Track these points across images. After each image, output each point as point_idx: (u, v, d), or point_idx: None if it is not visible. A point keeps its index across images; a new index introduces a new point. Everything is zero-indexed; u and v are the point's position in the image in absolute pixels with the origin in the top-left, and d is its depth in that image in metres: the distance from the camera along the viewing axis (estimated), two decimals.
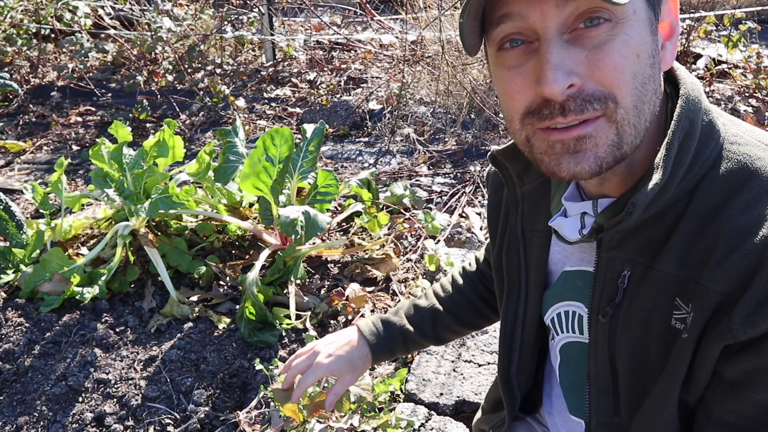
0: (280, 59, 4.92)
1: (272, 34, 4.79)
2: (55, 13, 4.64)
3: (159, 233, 2.39)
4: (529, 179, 0.95)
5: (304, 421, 1.55)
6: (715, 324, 0.71)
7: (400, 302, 1.28)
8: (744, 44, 3.94)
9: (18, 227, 2.25)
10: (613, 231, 0.77)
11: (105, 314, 2.14)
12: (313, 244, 2.41)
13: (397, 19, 4.85)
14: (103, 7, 4.88)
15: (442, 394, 1.81)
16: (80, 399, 1.82)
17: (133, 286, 2.30)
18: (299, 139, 2.50)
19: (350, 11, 5.05)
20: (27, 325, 2.06)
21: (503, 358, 1.06)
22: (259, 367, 1.76)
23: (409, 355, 1.95)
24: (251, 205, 2.62)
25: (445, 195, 2.97)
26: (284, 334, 2.05)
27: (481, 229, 2.67)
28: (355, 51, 4.82)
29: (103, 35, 4.84)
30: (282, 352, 1.99)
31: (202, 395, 1.82)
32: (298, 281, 2.25)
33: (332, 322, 2.12)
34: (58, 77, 4.72)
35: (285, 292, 2.22)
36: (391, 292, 2.27)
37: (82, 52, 4.35)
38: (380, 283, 2.32)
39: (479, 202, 2.91)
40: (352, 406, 1.69)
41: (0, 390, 1.86)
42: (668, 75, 0.79)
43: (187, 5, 5.02)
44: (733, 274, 0.69)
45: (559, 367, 1.00)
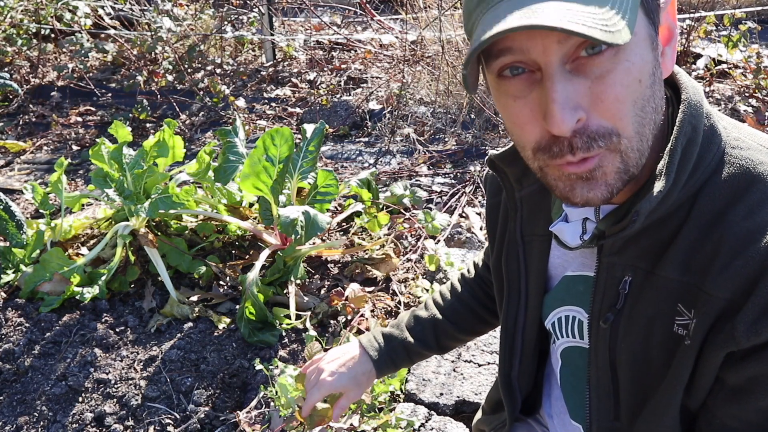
0: (280, 59, 4.92)
1: (272, 34, 4.79)
2: (55, 13, 4.64)
3: (159, 233, 2.39)
4: (527, 183, 0.95)
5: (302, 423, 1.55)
6: (718, 331, 0.71)
7: (401, 313, 1.29)
8: (744, 44, 3.94)
9: (18, 227, 2.25)
10: (618, 237, 0.77)
11: (105, 314, 2.14)
12: (313, 244, 2.41)
13: (397, 19, 4.85)
14: (103, 7, 4.88)
15: (442, 394, 1.81)
16: (80, 399, 1.82)
17: (133, 286, 2.30)
18: (299, 139, 2.50)
19: (350, 11, 5.05)
20: (27, 325, 2.06)
21: (504, 362, 1.05)
22: (259, 367, 1.76)
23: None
24: (251, 205, 2.62)
25: (445, 195, 2.97)
26: (284, 334, 2.05)
27: (481, 229, 2.67)
28: (355, 51, 4.82)
29: (103, 35, 4.84)
30: (282, 352, 1.99)
31: (202, 395, 1.82)
32: (298, 281, 2.25)
33: (332, 322, 2.12)
34: (58, 77, 4.72)
35: (285, 292, 2.22)
36: (391, 292, 2.27)
37: (82, 52, 4.35)
38: (380, 283, 2.32)
39: (479, 202, 2.91)
40: (352, 407, 1.69)
41: (0, 390, 1.86)
42: (668, 79, 0.78)
43: (187, 5, 5.02)
44: (736, 281, 0.69)
45: (559, 371, 1.00)
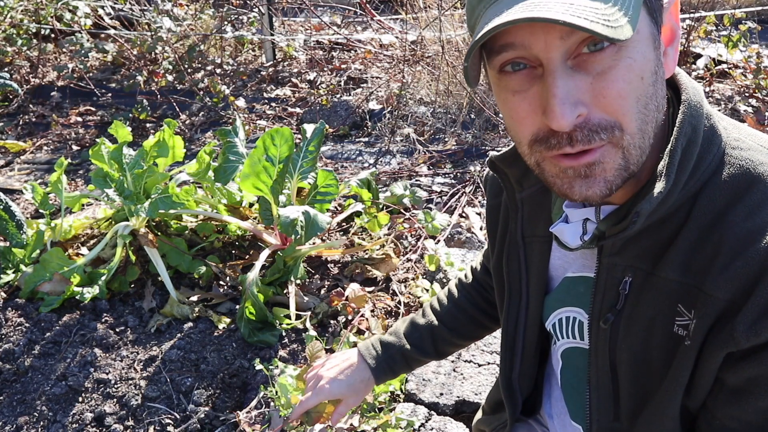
0: (280, 59, 4.92)
1: (272, 34, 4.79)
2: (55, 13, 4.64)
3: (159, 233, 2.39)
4: (528, 184, 0.95)
5: (302, 422, 1.55)
6: (718, 331, 0.71)
7: (399, 320, 1.30)
8: (744, 44, 3.94)
9: (18, 227, 2.25)
10: (618, 238, 0.77)
11: (105, 314, 2.14)
12: (313, 244, 2.41)
13: (397, 19, 4.85)
14: (103, 7, 4.88)
15: (442, 394, 1.81)
16: (80, 399, 1.82)
17: (133, 286, 2.30)
18: (299, 139, 2.50)
19: (350, 11, 5.05)
20: (27, 325, 2.06)
21: (505, 363, 1.05)
22: (259, 367, 1.76)
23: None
24: (251, 205, 2.61)
25: (445, 195, 2.97)
26: (284, 334, 2.05)
27: (481, 229, 2.67)
28: (355, 51, 4.82)
29: (103, 35, 4.84)
30: (282, 352, 1.99)
31: (202, 395, 1.82)
32: (298, 281, 2.25)
33: (332, 322, 2.12)
34: (58, 77, 4.72)
35: (285, 292, 2.22)
36: (391, 292, 2.27)
37: (82, 52, 4.35)
38: (380, 283, 2.32)
39: (479, 202, 2.91)
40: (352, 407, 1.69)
41: (0, 390, 1.86)
42: (669, 79, 0.78)
43: (187, 5, 5.02)
44: (736, 282, 0.69)
45: (560, 372, 1.00)
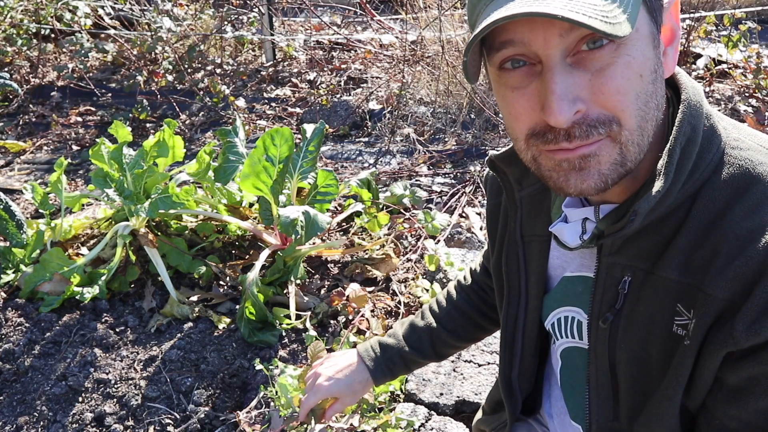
0: (280, 59, 4.92)
1: (272, 34, 4.79)
2: (55, 13, 4.64)
3: (159, 233, 2.39)
4: (527, 183, 0.95)
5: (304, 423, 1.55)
6: (717, 331, 0.71)
7: (398, 322, 1.32)
8: (744, 44, 3.94)
9: (18, 227, 2.25)
10: (617, 237, 0.77)
11: (105, 314, 2.14)
12: (313, 244, 2.41)
13: (397, 19, 4.85)
14: (103, 7, 4.88)
15: (442, 394, 1.81)
16: (80, 399, 1.82)
17: (133, 286, 2.30)
18: (299, 139, 2.50)
19: (350, 11, 5.05)
20: (27, 325, 2.06)
21: (504, 363, 1.05)
22: (259, 367, 1.76)
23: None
24: (251, 205, 2.61)
25: (445, 195, 2.97)
26: (284, 334, 2.05)
27: (481, 229, 2.67)
28: (355, 51, 4.82)
29: (103, 35, 4.84)
30: (282, 352, 1.99)
31: (202, 395, 1.82)
32: (298, 281, 2.25)
33: (332, 322, 2.12)
34: (58, 77, 4.72)
35: (285, 292, 2.22)
36: (391, 292, 2.27)
37: (82, 52, 4.35)
38: (380, 283, 2.32)
39: (479, 202, 2.91)
40: (353, 406, 1.69)
41: (0, 390, 1.86)
42: (668, 79, 0.78)
43: (187, 5, 5.02)
44: (736, 281, 0.69)
45: (559, 371, 1.00)
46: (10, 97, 4.49)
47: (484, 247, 1.31)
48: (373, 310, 2.17)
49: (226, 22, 4.87)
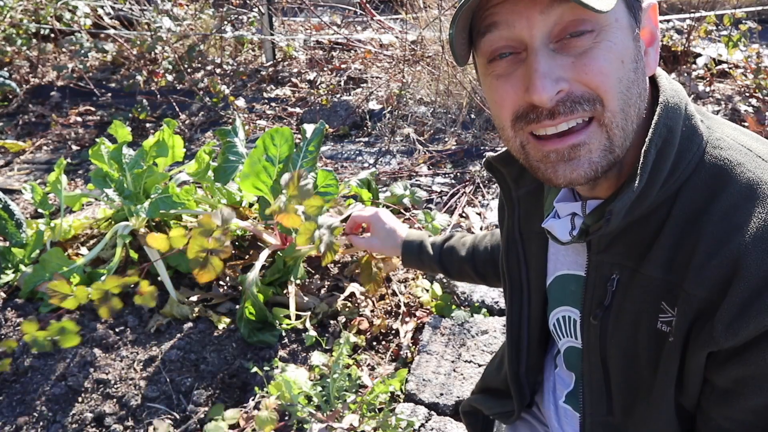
0: (280, 59, 4.91)
1: (272, 34, 4.79)
2: (54, 13, 4.64)
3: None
4: (524, 183, 0.97)
5: (300, 421, 1.54)
6: (699, 330, 0.72)
7: (449, 237, 1.49)
8: (744, 44, 3.94)
9: (17, 227, 2.25)
10: (597, 235, 0.78)
11: None
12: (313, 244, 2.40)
13: (397, 19, 4.85)
14: (102, 7, 4.88)
15: (442, 395, 1.81)
16: (80, 399, 1.82)
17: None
18: (299, 139, 2.50)
19: (350, 11, 5.05)
20: None
21: (512, 359, 1.07)
22: (253, 370, 1.76)
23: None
24: (251, 205, 2.61)
25: (445, 195, 2.97)
26: (284, 334, 2.05)
27: (481, 229, 2.67)
28: (355, 51, 4.82)
29: (102, 35, 4.83)
30: (282, 352, 1.99)
31: (202, 395, 1.82)
32: (298, 281, 2.25)
33: (332, 322, 2.12)
34: (58, 77, 4.72)
35: (285, 292, 2.21)
36: (391, 292, 2.26)
37: (82, 52, 4.35)
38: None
39: (479, 202, 2.91)
40: (352, 406, 1.69)
41: (0, 390, 1.85)
42: (653, 81, 0.81)
43: (187, 5, 5.02)
44: (713, 280, 0.70)
45: (560, 370, 1.02)
46: (10, 96, 4.49)
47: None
48: (373, 311, 2.17)
49: (225, 22, 4.87)
